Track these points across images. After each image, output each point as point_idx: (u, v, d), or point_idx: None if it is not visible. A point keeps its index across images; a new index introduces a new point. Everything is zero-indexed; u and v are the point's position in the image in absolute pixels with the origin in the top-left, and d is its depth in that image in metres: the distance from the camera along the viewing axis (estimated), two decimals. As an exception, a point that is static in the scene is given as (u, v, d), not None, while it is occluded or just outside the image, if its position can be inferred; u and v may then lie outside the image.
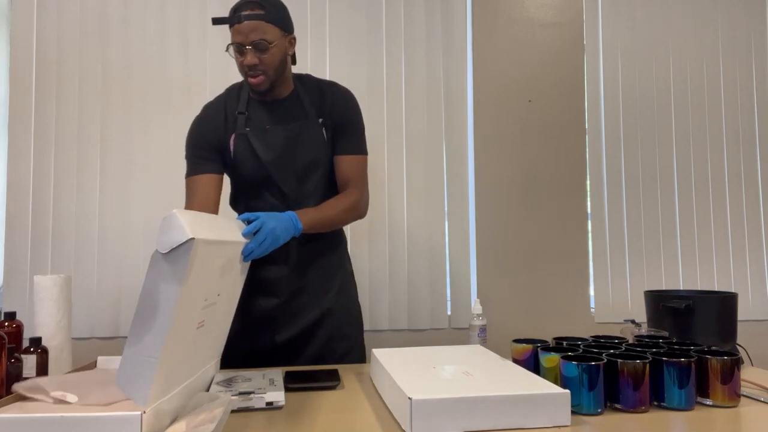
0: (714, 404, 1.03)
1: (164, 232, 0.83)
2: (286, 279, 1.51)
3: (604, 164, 2.55)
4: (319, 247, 1.56)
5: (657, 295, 1.51)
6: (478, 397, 0.90)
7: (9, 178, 2.23)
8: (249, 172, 1.49)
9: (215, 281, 1.00)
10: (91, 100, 2.27)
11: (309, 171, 1.49)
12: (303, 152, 1.48)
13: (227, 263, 1.05)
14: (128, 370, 0.81)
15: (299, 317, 1.52)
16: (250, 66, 1.39)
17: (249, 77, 1.42)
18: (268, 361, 1.51)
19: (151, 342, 0.81)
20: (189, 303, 0.88)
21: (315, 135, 1.49)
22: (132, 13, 2.30)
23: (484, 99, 2.48)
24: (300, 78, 1.56)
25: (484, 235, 2.45)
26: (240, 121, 1.48)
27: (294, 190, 1.49)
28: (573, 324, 2.46)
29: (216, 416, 0.87)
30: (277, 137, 1.46)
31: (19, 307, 2.17)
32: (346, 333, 1.56)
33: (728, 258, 2.60)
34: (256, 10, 1.37)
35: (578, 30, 2.55)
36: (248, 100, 1.51)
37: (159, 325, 0.81)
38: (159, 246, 0.83)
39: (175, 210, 0.85)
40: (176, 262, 0.82)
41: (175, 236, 0.83)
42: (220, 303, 1.08)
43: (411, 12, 2.43)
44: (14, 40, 2.24)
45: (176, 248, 0.82)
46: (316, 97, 1.52)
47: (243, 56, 1.39)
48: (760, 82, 2.65)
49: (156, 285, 0.82)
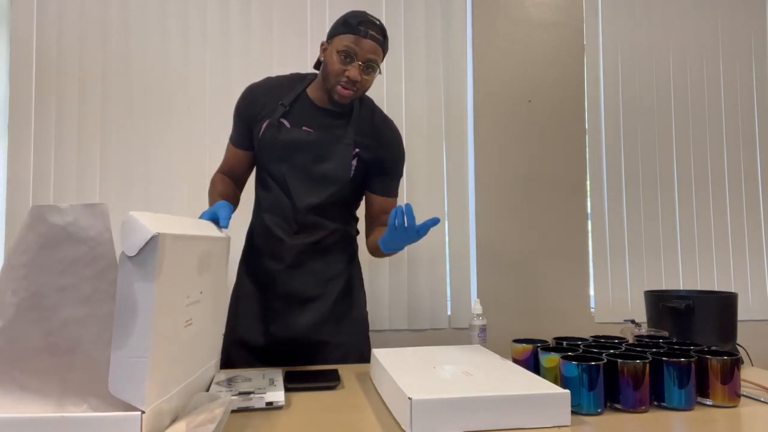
0: (714, 404, 1.03)
1: (127, 236, 0.83)
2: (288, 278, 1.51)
3: (604, 164, 2.55)
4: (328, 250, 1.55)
5: (657, 295, 1.51)
6: (478, 397, 0.90)
7: (9, 178, 2.23)
8: (267, 161, 1.50)
9: (194, 278, 1.00)
10: (91, 100, 2.27)
11: (323, 184, 1.49)
12: (323, 165, 1.48)
13: (203, 260, 1.05)
14: (119, 375, 0.81)
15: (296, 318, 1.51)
16: (353, 80, 1.40)
17: (341, 86, 1.42)
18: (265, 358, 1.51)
19: (137, 343, 0.81)
20: (169, 300, 0.88)
21: (342, 157, 1.48)
22: (132, 13, 2.30)
23: (484, 99, 2.48)
24: (361, 99, 1.56)
25: (484, 235, 2.45)
26: (278, 111, 1.48)
27: (302, 196, 1.48)
28: (573, 324, 2.46)
29: (216, 416, 0.87)
30: (304, 141, 1.47)
31: (19, 307, 2.17)
32: (346, 340, 1.54)
33: (728, 258, 2.60)
34: (379, 35, 1.41)
35: (578, 30, 2.55)
36: (298, 96, 1.51)
37: (141, 325, 0.82)
38: (126, 250, 0.83)
39: (131, 212, 0.85)
40: (146, 261, 0.83)
41: (139, 236, 0.83)
42: (205, 301, 1.08)
43: (411, 12, 2.43)
44: (14, 40, 2.24)
45: (143, 247, 0.82)
46: (365, 126, 1.53)
47: (348, 67, 1.40)
48: (760, 82, 2.65)
49: (130, 286, 0.83)
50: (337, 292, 1.55)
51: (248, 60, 2.33)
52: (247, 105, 1.53)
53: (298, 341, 1.51)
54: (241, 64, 2.33)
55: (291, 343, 1.51)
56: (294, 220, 1.49)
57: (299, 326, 1.51)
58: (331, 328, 1.53)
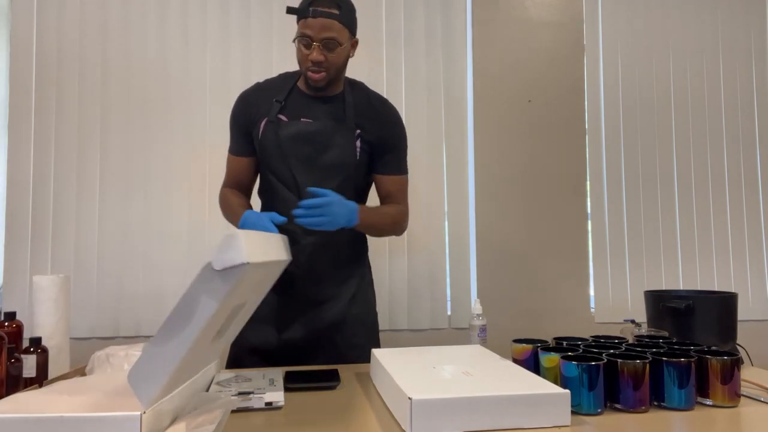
0: (714, 404, 1.03)
1: (223, 250, 0.85)
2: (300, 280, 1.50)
3: (604, 164, 2.55)
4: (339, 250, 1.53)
5: (657, 295, 1.51)
6: (478, 397, 0.90)
7: (9, 178, 2.23)
8: (271, 160, 1.48)
9: (245, 294, 1.00)
10: (91, 100, 2.27)
11: (331, 173, 1.47)
12: (329, 153, 1.46)
13: (263, 279, 1.07)
14: (143, 368, 0.82)
15: (309, 320, 1.50)
16: (315, 62, 1.39)
17: (310, 72, 1.41)
18: (275, 361, 1.49)
19: (175, 348, 0.83)
20: (218, 316, 0.89)
21: (346, 141, 1.47)
22: (132, 14, 2.30)
23: (484, 99, 2.48)
24: (352, 84, 1.55)
25: (484, 235, 2.45)
26: (274, 108, 1.48)
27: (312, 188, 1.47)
28: (573, 324, 2.46)
29: (216, 417, 0.87)
30: (307, 132, 1.46)
31: (19, 307, 2.17)
32: (358, 342, 1.53)
33: (728, 258, 2.60)
34: (332, 8, 1.36)
35: (578, 30, 2.55)
36: (291, 91, 1.51)
37: (187, 334, 0.83)
38: (214, 262, 0.85)
39: (238, 231, 0.86)
40: (224, 281, 0.85)
41: (232, 256, 0.84)
42: (242, 312, 1.08)
43: (411, 12, 2.43)
44: (14, 40, 2.24)
45: (230, 269, 0.84)
46: (362, 107, 1.51)
47: (309, 51, 1.38)
48: (760, 82, 2.65)
49: (198, 296, 0.84)
50: (351, 293, 1.54)
51: (248, 60, 2.33)
52: (242, 110, 1.52)
53: (310, 344, 1.50)
54: (241, 64, 2.33)
55: (303, 346, 1.50)
56: None
57: (312, 328, 1.50)
58: (343, 330, 1.52)
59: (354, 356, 1.51)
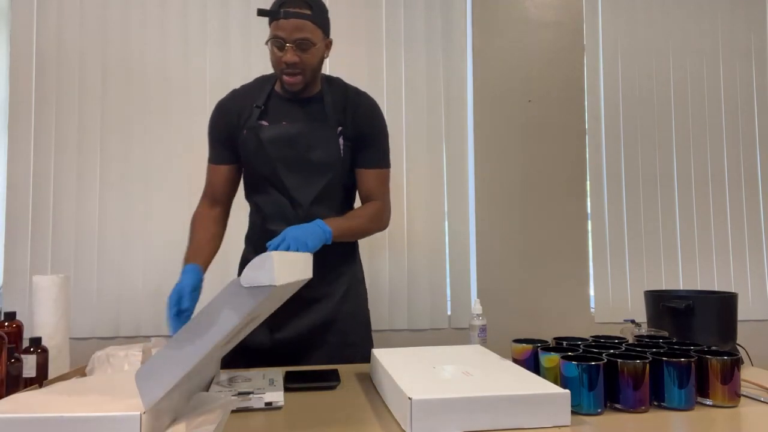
0: (714, 404, 1.03)
1: (254, 269, 0.86)
2: None
3: (604, 164, 2.55)
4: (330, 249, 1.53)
5: (657, 295, 1.51)
6: (478, 397, 0.90)
7: (9, 178, 2.23)
8: (257, 166, 1.48)
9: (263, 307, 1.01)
10: (91, 101, 2.27)
11: (318, 173, 1.47)
12: (314, 153, 1.46)
13: (283, 294, 1.07)
14: (154, 368, 0.82)
15: (301, 319, 1.51)
16: (289, 64, 1.37)
17: (285, 75, 1.40)
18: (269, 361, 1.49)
19: (188, 354, 0.83)
20: (236, 329, 0.89)
21: (330, 139, 1.47)
22: (132, 14, 2.30)
23: (484, 99, 2.48)
24: (329, 80, 1.54)
25: (484, 235, 2.45)
26: (254, 114, 1.47)
27: (301, 190, 1.47)
28: (573, 324, 2.46)
29: (216, 417, 0.87)
30: (290, 134, 1.45)
31: (19, 307, 2.16)
32: (352, 341, 1.54)
33: (728, 258, 2.60)
34: (303, 8, 1.35)
35: (578, 30, 2.55)
36: (269, 94, 1.50)
37: (205, 343, 0.84)
38: (243, 279, 0.86)
39: (273, 252, 0.87)
40: (251, 298, 0.86)
41: (262, 277, 0.85)
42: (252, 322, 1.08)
43: (411, 12, 2.43)
44: (14, 40, 2.24)
45: (258, 287, 0.85)
46: (340, 103, 1.50)
47: (282, 52, 1.37)
48: (760, 82, 2.65)
49: (221, 308, 0.85)
50: (342, 291, 1.54)
51: (248, 60, 2.33)
52: (221, 118, 1.52)
53: (303, 343, 1.50)
54: (241, 64, 2.33)
55: (296, 345, 1.50)
56: (296, 218, 1.48)
57: (305, 327, 1.50)
58: (336, 329, 1.52)
59: (348, 354, 1.51)
